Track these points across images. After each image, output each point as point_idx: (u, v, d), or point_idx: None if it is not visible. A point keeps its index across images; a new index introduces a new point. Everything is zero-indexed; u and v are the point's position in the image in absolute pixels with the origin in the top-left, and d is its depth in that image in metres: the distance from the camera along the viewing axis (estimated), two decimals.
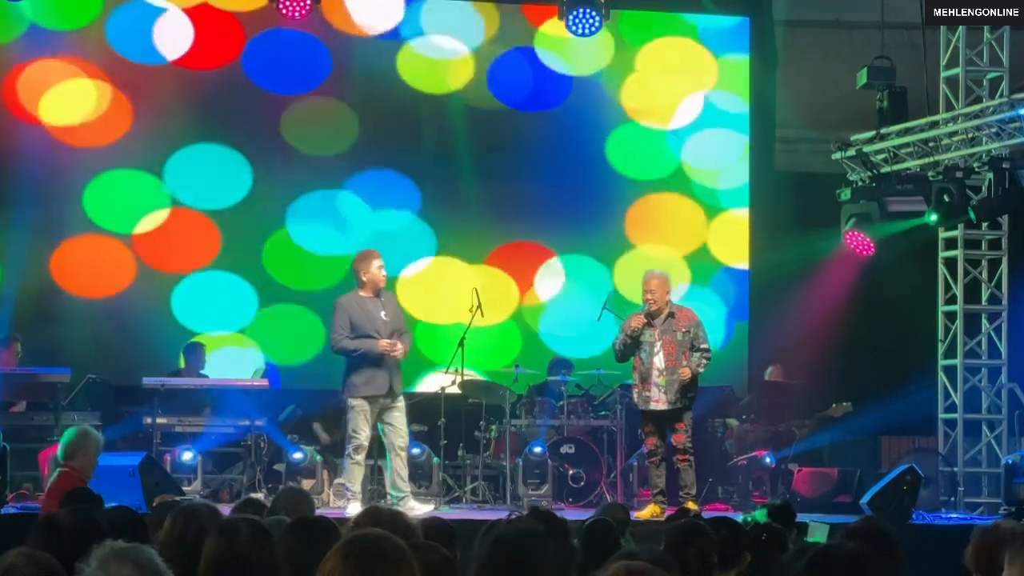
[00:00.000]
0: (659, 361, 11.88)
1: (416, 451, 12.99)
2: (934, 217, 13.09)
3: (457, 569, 4.31)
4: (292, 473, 13.05)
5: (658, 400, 11.92)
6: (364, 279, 11.85)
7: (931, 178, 13.00)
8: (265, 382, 13.35)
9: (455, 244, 15.53)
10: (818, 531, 8.80)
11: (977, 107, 13.33)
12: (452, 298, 14.60)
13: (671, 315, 11.94)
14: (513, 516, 5.37)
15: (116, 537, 4.95)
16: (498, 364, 14.83)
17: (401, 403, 11.97)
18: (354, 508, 11.35)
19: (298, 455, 13.05)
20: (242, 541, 4.24)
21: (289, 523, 4.89)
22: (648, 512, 11.81)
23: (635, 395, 12.16)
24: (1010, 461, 13.21)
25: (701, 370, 11.91)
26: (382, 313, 11.88)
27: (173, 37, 15.01)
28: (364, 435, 11.77)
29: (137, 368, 13.62)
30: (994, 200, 12.69)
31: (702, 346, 11.90)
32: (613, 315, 13.70)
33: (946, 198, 12.84)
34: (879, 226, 13.69)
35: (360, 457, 11.82)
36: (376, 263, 11.86)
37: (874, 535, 5.35)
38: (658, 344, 11.89)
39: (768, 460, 13.63)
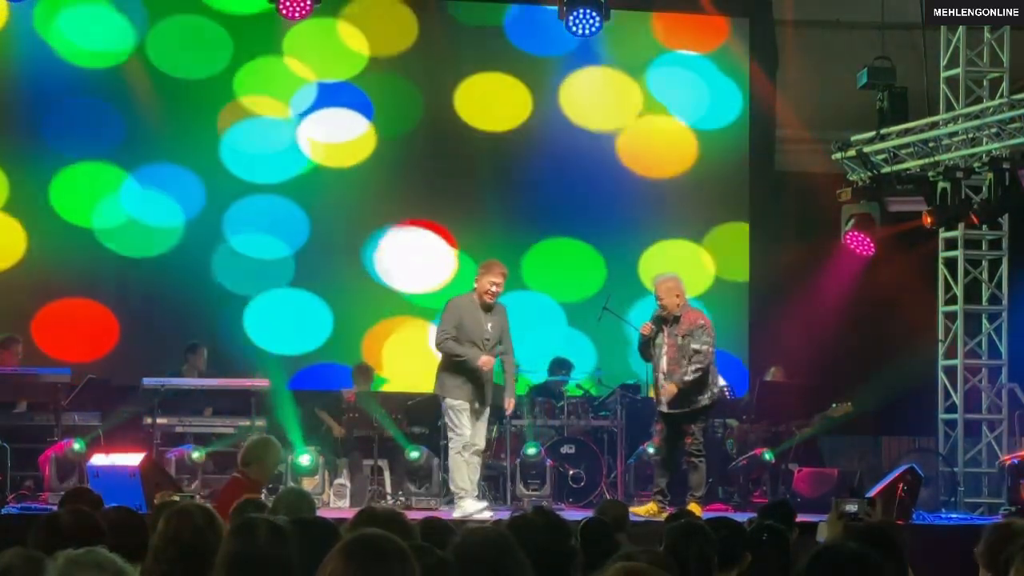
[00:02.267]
0: (663, 364, 11.91)
1: (415, 454, 13.00)
2: (930, 219, 13.09)
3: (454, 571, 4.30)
4: (292, 473, 13.02)
5: (661, 403, 11.96)
6: (475, 286, 11.77)
7: (931, 178, 12.99)
8: (266, 382, 13.32)
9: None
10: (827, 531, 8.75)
11: (977, 107, 13.32)
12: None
13: (677, 319, 11.91)
14: (517, 515, 5.35)
15: (117, 537, 4.93)
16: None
17: (487, 412, 11.92)
18: (471, 505, 11.40)
19: (305, 458, 12.99)
20: (260, 541, 4.16)
21: (288, 524, 4.85)
22: (644, 510, 11.78)
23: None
24: (1016, 462, 13.18)
25: (688, 379, 11.75)
26: (488, 325, 11.73)
27: None
28: (468, 431, 11.64)
29: (137, 368, 13.62)
30: (994, 200, 12.68)
31: (692, 346, 11.79)
32: (614, 316, 13.69)
33: (948, 201, 12.83)
34: (879, 226, 13.67)
35: (468, 455, 11.66)
36: (489, 279, 11.66)
37: (877, 536, 5.33)
38: (664, 347, 11.89)
39: (767, 456, 13.59)
